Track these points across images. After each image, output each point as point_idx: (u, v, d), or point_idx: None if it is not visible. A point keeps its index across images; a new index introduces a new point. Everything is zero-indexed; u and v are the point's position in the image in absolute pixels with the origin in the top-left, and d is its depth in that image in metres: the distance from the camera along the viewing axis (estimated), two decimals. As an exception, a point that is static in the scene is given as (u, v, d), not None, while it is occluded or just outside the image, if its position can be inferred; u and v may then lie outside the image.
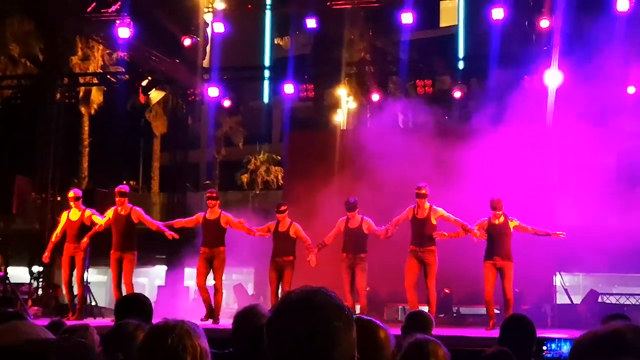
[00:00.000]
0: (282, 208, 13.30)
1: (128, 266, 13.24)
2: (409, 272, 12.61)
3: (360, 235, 12.93)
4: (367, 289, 15.19)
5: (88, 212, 13.79)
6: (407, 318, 5.54)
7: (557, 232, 12.57)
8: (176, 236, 13.28)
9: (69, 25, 21.17)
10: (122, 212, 13.41)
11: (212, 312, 12.97)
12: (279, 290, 13.02)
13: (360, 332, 2.73)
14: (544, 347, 8.04)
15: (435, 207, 12.65)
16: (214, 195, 13.51)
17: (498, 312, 14.50)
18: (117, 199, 13.50)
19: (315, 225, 14.24)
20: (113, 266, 13.34)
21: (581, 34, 16.80)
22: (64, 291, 14.35)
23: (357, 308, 12.88)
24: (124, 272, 13.24)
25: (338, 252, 13.10)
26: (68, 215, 13.86)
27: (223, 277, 13.46)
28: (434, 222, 12.59)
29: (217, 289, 13.13)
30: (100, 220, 13.57)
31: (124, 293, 12.42)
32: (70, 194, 14.11)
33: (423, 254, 12.51)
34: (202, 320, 12.47)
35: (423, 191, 12.63)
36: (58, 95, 20.68)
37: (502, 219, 12.44)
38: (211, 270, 13.12)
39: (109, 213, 13.53)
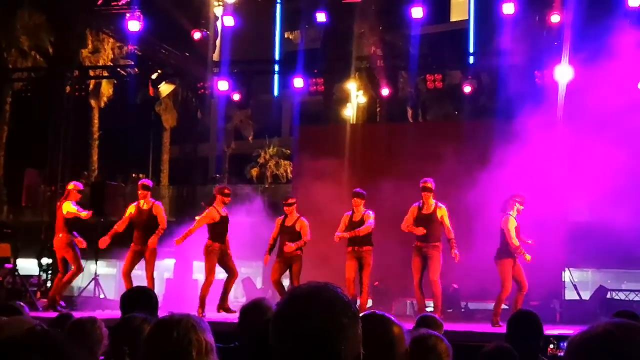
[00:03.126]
0: (290, 201, 13.28)
1: (150, 260, 13.27)
2: (415, 272, 12.53)
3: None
4: (376, 284, 15.20)
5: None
6: (417, 322, 5.54)
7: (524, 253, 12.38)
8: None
9: (80, 18, 21.18)
10: (144, 207, 13.40)
11: (203, 306, 13.01)
12: (288, 285, 12.99)
13: (374, 328, 2.73)
14: (551, 346, 8.01)
15: (440, 204, 12.54)
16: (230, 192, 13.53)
17: (507, 307, 14.50)
18: (139, 192, 13.51)
19: (325, 219, 14.23)
20: (129, 256, 13.33)
21: (592, 29, 16.75)
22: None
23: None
24: (146, 266, 13.27)
25: (342, 246, 13.07)
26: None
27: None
28: (439, 218, 12.53)
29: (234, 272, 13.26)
30: (73, 208, 13.65)
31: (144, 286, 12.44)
32: (70, 185, 14.16)
33: (427, 249, 12.40)
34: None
35: (429, 185, 12.54)
36: (68, 88, 20.70)
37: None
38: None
39: (131, 208, 13.54)
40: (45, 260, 18.48)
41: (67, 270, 13.97)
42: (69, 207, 13.64)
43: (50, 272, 18.31)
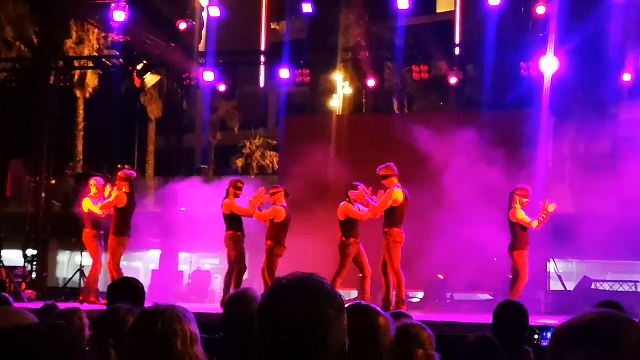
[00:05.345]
0: (270, 191, 13.16)
1: (111, 251, 13.36)
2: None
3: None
4: (360, 275, 15.19)
5: None
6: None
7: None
8: None
9: (64, 8, 21.06)
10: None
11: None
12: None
13: (359, 319, 2.73)
14: (535, 336, 8.05)
15: (393, 188, 12.10)
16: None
17: (492, 298, 14.56)
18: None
19: (311, 209, 14.23)
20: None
21: (577, 21, 16.79)
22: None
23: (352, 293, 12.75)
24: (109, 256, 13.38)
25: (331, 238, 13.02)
26: None
27: (217, 262, 13.50)
28: (388, 204, 12.15)
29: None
30: (92, 205, 13.68)
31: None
32: (91, 182, 14.13)
33: (383, 238, 12.17)
34: None
35: (380, 173, 12.21)
36: (52, 79, 20.59)
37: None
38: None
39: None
40: (30, 252, 18.42)
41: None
42: (87, 204, 13.64)
43: (34, 263, 18.26)
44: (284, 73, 19.39)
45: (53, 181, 21.18)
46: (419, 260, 13.73)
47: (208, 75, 19.69)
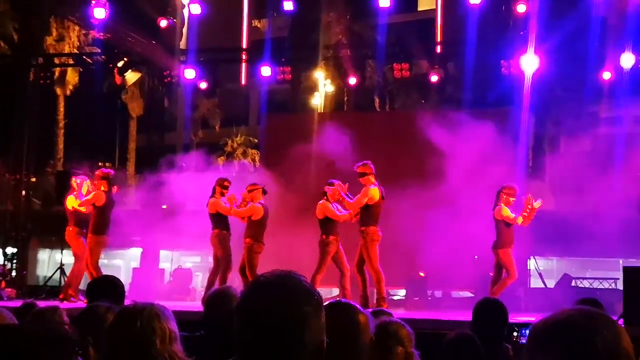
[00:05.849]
0: (248, 188, 13.08)
1: (90, 250, 13.31)
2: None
3: None
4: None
5: None
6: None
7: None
8: None
9: (44, 5, 20.95)
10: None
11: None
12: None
13: (339, 316, 2.73)
14: (514, 333, 8.08)
15: (367, 187, 12.05)
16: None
17: (472, 295, 14.60)
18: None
19: (291, 208, 14.21)
20: None
21: (557, 19, 16.87)
22: None
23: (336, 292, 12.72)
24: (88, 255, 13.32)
25: (304, 236, 13.01)
26: None
27: (199, 260, 13.46)
28: (364, 201, 12.08)
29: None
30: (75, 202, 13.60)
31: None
32: (74, 181, 14.04)
33: (360, 237, 12.14)
34: None
35: (358, 171, 12.15)
36: (32, 76, 20.49)
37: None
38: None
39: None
40: (10, 250, 18.34)
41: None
42: (72, 202, 13.55)
43: (15, 261, 18.16)
44: (266, 71, 19.38)
45: (33, 179, 21.08)
46: (400, 258, 13.75)
47: (189, 73, 19.64)
